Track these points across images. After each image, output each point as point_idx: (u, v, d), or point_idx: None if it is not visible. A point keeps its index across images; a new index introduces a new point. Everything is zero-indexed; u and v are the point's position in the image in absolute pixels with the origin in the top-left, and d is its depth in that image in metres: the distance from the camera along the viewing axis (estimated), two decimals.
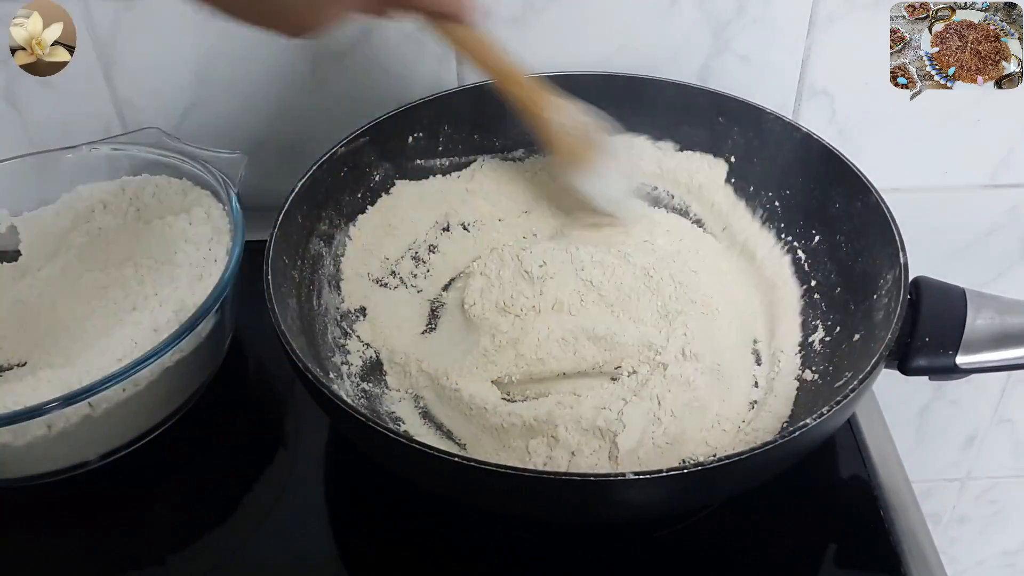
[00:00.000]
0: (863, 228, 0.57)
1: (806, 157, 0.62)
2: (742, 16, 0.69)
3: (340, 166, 0.62)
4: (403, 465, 0.48)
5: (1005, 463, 1.03)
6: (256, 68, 0.71)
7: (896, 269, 0.52)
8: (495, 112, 0.67)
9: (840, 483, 0.57)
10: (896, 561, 0.51)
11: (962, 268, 0.83)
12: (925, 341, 0.50)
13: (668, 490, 0.43)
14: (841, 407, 0.44)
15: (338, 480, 0.58)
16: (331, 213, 0.62)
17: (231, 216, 0.62)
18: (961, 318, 0.50)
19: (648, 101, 0.67)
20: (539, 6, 0.68)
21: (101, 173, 0.67)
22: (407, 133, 0.66)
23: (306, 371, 0.47)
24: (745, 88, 0.67)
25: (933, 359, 0.50)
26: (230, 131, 0.74)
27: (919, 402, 0.96)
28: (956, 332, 0.50)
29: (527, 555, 0.53)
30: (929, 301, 0.51)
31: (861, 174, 0.58)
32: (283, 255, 0.55)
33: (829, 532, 0.54)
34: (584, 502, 0.44)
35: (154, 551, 0.54)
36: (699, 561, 0.52)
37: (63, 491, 0.56)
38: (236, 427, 0.61)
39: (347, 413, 0.45)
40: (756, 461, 0.42)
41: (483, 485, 0.44)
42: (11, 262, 0.65)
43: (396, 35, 0.69)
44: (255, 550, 0.54)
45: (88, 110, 0.73)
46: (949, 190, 0.79)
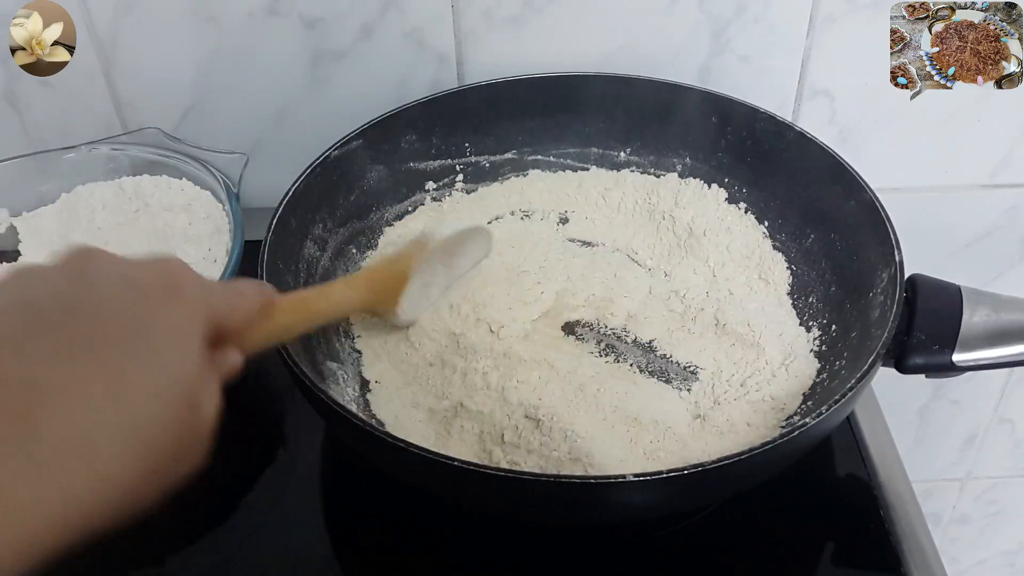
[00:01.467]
0: (858, 226, 0.57)
1: (800, 156, 0.62)
2: (742, 16, 0.69)
3: (334, 169, 0.62)
4: (399, 469, 0.48)
5: (1005, 463, 1.03)
6: (256, 68, 0.71)
7: (892, 267, 0.52)
8: (488, 114, 0.67)
9: (840, 483, 0.57)
10: (896, 561, 0.51)
11: (962, 268, 0.83)
12: (921, 339, 0.50)
13: (668, 491, 0.43)
14: (839, 406, 0.44)
15: (336, 481, 0.57)
16: (325, 217, 0.62)
17: (231, 216, 0.62)
18: (957, 315, 0.50)
19: (638, 100, 0.67)
20: (539, 6, 0.68)
21: (101, 173, 0.67)
22: (400, 135, 0.66)
23: (302, 376, 0.47)
24: (745, 88, 0.67)
25: (929, 357, 0.50)
26: (230, 131, 0.74)
27: (919, 402, 0.96)
28: (952, 330, 0.50)
29: (526, 556, 0.53)
30: (925, 299, 0.51)
31: (855, 172, 0.58)
32: (278, 259, 0.55)
33: (829, 532, 0.54)
34: (584, 504, 0.44)
35: (154, 551, 0.54)
36: (699, 561, 0.52)
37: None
38: (236, 428, 0.61)
39: (343, 417, 0.45)
40: (755, 461, 0.42)
41: (481, 488, 0.44)
42: (11, 262, 0.65)
43: (396, 35, 0.69)
44: (255, 550, 0.54)
45: (88, 110, 0.73)
46: (949, 190, 0.79)
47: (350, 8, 0.68)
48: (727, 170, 0.66)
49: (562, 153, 0.70)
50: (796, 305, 0.61)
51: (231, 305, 0.38)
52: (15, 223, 0.66)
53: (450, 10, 0.68)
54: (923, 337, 0.50)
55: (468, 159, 0.69)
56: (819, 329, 0.58)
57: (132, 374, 0.30)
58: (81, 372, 0.28)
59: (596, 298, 0.61)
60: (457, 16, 0.69)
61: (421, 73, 0.71)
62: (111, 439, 0.28)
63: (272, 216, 0.56)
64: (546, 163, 0.70)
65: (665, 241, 0.65)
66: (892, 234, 0.53)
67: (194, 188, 0.66)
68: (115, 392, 0.29)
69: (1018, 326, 0.50)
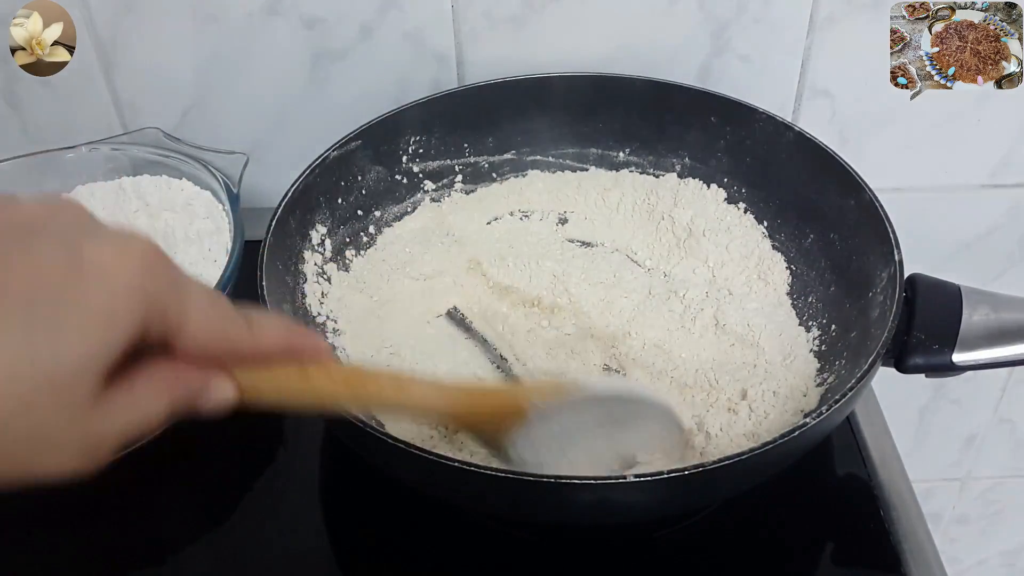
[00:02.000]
0: (857, 226, 0.57)
1: (798, 155, 0.62)
2: (742, 16, 0.69)
3: (333, 170, 0.62)
4: (400, 469, 0.48)
5: (1005, 463, 1.03)
6: (256, 68, 0.71)
7: (891, 267, 0.52)
8: (486, 114, 0.67)
9: (840, 483, 0.57)
10: (896, 561, 0.51)
11: (962, 268, 0.83)
12: (921, 339, 0.50)
13: (668, 491, 0.43)
14: (839, 406, 0.44)
15: (336, 481, 0.57)
16: (325, 217, 0.62)
17: (230, 216, 0.62)
18: (957, 315, 0.50)
19: (637, 101, 0.67)
20: (539, 6, 0.68)
21: (101, 173, 0.67)
22: (399, 136, 0.66)
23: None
24: (745, 88, 0.67)
25: (929, 357, 0.50)
26: (230, 131, 0.74)
27: (919, 402, 0.96)
28: (952, 329, 0.50)
29: (526, 556, 0.53)
30: (925, 298, 0.51)
31: (853, 171, 0.58)
32: (277, 260, 0.55)
33: (829, 532, 0.54)
34: (585, 505, 0.44)
35: (154, 551, 0.54)
36: (699, 561, 0.52)
37: (63, 491, 0.56)
38: (236, 427, 0.61)
39: (342, 417, 0.44)
40: (755, 461, 0.42)
41: (481, 489, 0.44)
42: None
43: (396, 35, 0.69)
44: (255, 550, 0.54)
45: (88, 110, 0.73)
46: (949, 190, 0.79)
47: (350, 8, 0.68)
48: (726, 170, 0.66)
49: (561, 153, 0.70)
50: (796, 305, 0.61)
51: (206, 317, 0.32)
52: None
53: (450, 10, 0.68)
54: (923, 337, 0.50)
55: (467, 159, 0.69)
56: (819, 329, 0.58)
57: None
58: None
59: (597, 300, 0.61)
60: (457, 16, 0.69)
61: (421, 73, 0.71)
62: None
63: (271, 217, 0.56)
64: (545, 163, 0.70)
65: (664, 241, 0.65)
66: (892, 234, 0.53)
67: (194, 188, 0.66)
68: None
69: (1018, 325, 0.50)
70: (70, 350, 0.28)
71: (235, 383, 0.34)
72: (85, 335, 0.28)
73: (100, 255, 0.29)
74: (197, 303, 0.32)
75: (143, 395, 0.31)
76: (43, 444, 0.29)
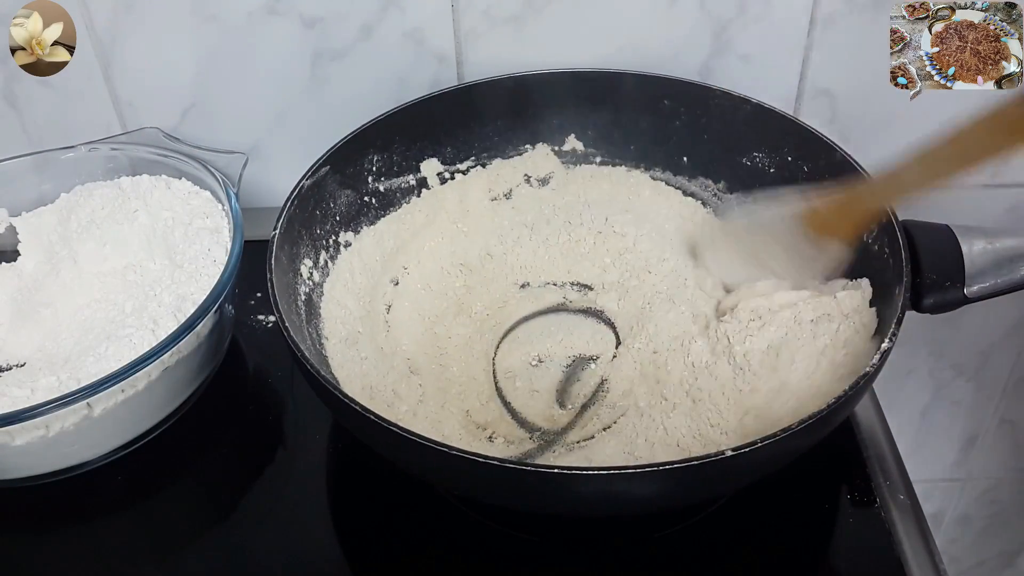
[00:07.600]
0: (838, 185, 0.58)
1: (762, 129, 0.64)
2: (742, 16, 0.69)
3: (308, 199, 0.60)
4: (407, 459, 0.48)
5: (1006, 464, 1.03)
6: (256, 68, 0.71)
7: (883, 216, 0.53)
8: (444, 121, 0.68)
9: (840, 483, 0.57)
10: (896, 561, 0.51)
11: None
12: (932, 279, 0.52)
13: (667, 484, 0.43)
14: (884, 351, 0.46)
15: (337, 480, 0.57)
16: (308, 248, 0.61)
17: (230, 216, 0.62)
18: (957, 251, 0.52)
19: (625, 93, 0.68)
20: (539, 5, 0.68)
21: (100, 173, 0.67)
22: (362, 156, 0.65)
23: (309, 367, 0.47)
24: (746, 88, 0.67)
25: (943, 294, 0.52)
26: (230, 131, 0.74)
27: (919, 402, 0.96)
28: (957, 265, 0.52)
29: (529, 554, 0.53)
30: (922, 241, 0.53)
31: (819, 134, 0.60)
32: (280, 300, 0.53)
33: (829, 532, 0.54)
34: (588, 496, 0.44)
35: (154, 551, 0.54)
36: (699, 561, 0.52)
37: (63, 491, 0.56)
38: (236, 427, 0.61)
39: (351, 408, 0.45)
40: (767, 451, 0.42)
41: (488, 479, 0.44)
42: (10, 262, 0.65)
43: (396, 35, 0.69)
44: (255, 550, 0.54)
45: (88, 110, 0.73)
46: (949, 190, 0.78)
47: (350, 8, 0.68)
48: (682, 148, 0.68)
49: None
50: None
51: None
52: (15, 223, 0.66)
53: (450, 10, 0.68)
54: (934, 277, 0.52)
55: (427, 161, 0.69)
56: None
57: None
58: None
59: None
60: (457, 16, 0.69)
61: (421, 73, 0.71)
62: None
63: (268, 252, 0.54)
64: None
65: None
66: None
67: (194, 188, 0.66)
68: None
69: (1016, 251, 0.52)
70: None
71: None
72: None
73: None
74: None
75: None
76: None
